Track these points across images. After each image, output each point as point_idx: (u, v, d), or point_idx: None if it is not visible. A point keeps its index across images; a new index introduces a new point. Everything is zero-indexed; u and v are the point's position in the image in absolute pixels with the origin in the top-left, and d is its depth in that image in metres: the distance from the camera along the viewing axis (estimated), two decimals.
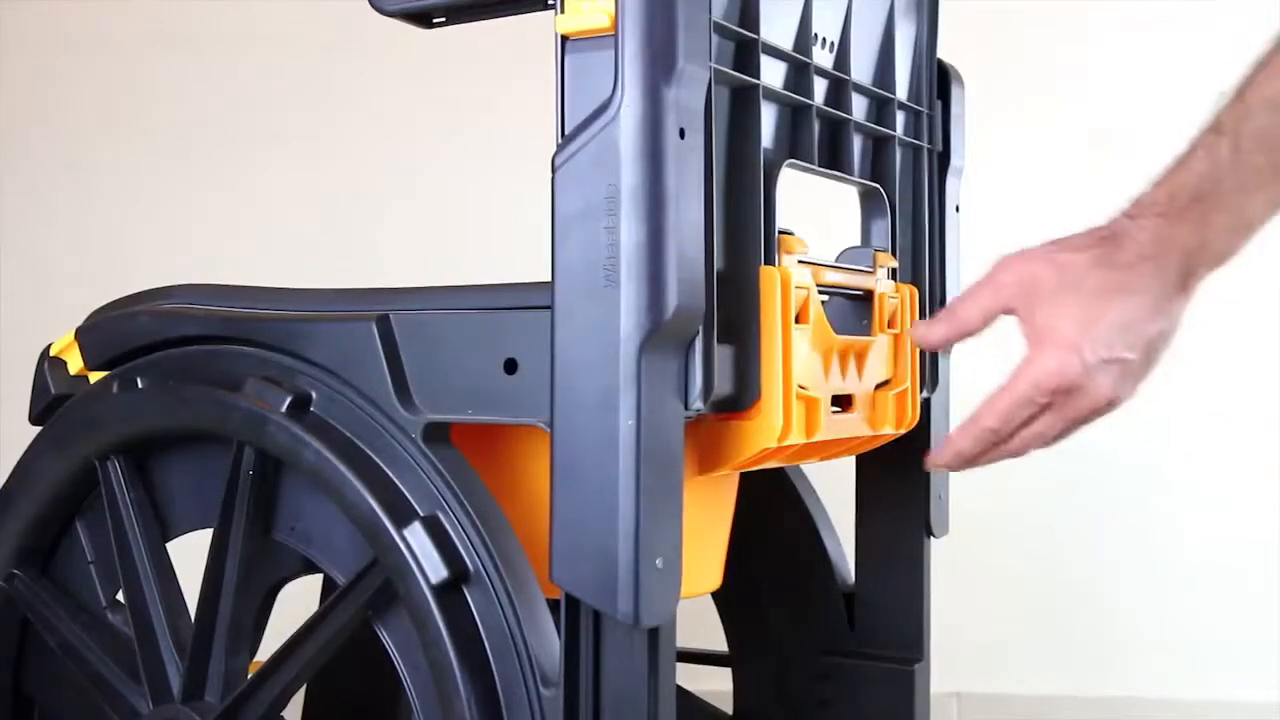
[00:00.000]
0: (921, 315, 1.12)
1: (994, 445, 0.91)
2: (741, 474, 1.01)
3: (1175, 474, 1.92)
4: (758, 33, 0.90)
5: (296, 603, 1.02)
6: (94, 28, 2.22)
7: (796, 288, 0.90)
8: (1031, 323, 0.89)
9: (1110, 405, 0.89)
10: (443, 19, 0.89)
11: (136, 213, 2.21)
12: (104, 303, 1.07)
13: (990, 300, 0.91)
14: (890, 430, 1.03)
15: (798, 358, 0.90)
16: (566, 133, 0.79)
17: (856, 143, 1.05)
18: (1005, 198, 1.89)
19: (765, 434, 0.89)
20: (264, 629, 1.00)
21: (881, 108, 1.09)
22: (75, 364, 1.04)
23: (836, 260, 1.03)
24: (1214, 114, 0.87)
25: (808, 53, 0.97)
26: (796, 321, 0.90)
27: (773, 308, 0.88)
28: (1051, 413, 0.89)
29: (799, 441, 0.91)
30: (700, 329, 0.82)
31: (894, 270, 1.08)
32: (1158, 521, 1.92)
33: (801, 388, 0.90)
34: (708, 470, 0.92)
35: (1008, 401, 0.88)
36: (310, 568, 0.96)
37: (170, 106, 2.20)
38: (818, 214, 1.14)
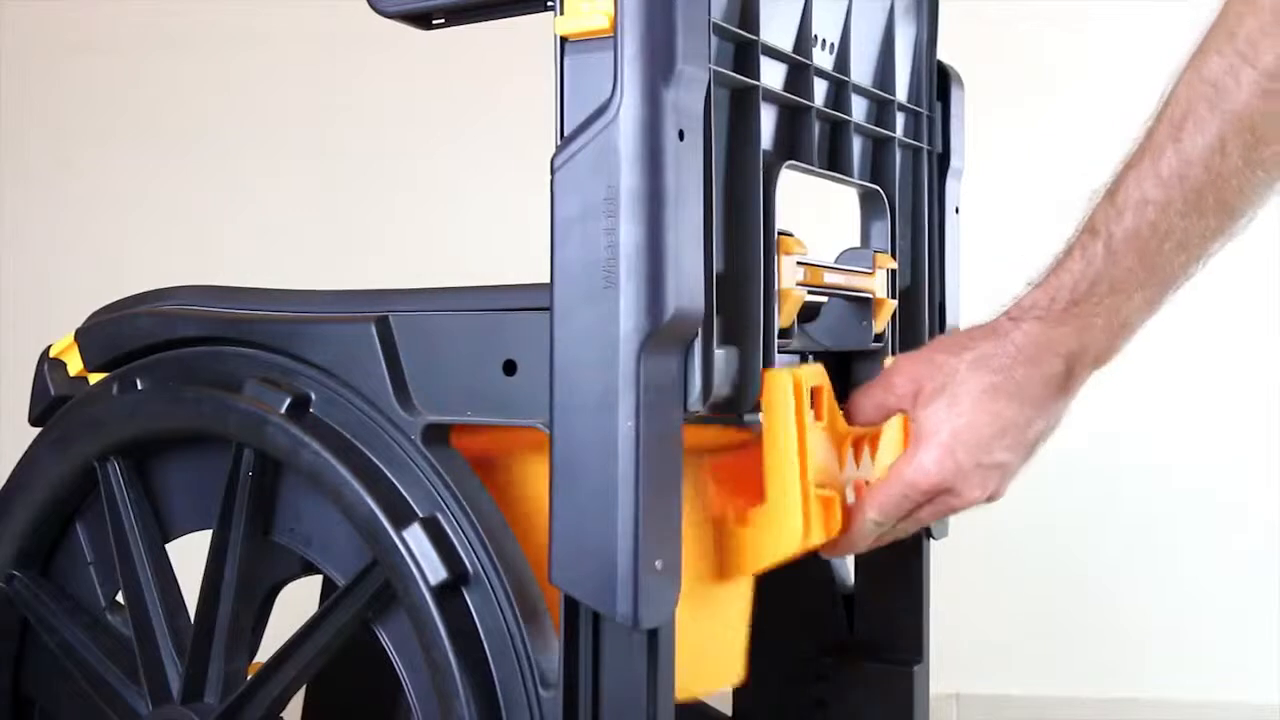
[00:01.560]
0: (919, 320, 1.12)
1: (879, 535, 0.94)
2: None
3: (1175, 475, 1.92)
4: (757, 34, 0.90)
5: (296, 604, 1.03)
6: (94, 30, 2.23)
7: (811, 387, 0.89)
8: (915, 422, 0.91)
9: (988, 501, 0.92)
10: (442, 20, 0.89)
11: (136, 214, 2.21)
12: (104, 304, 1.07)
13: (882, 399, 0.94)
14: None
15: (815, 459, 0.89)
16: (566, 134, 0.79)
17: (856, 144, 1.05)
18: (1005, 199, 1.89)
19: (787, 540, 0.88)
20: (263, 630, 1.00)
21: (881, 109, 1.09)
22: (75, 365, 1.04)
23: (836, 261, 1.03)
24: (1088, 214, 0.88)
25: (808, 54, 0.97)
26: (812, 415, 0.89)
27: (784, 411, 0.87)
28: (929, 506, 0.92)
29: (823, 540, 0.90)
30: (699, 331, 0.82)
31: (893, 272, 1.08)
32: (1157, 523, 1.92)
33: (818, 486, 0.89)
34: (729, 577, 0.92)
35: (886, 496, 0.91)
36: (310, 569, 0.96)
37: (170, 108, 2.21)
38: (817, 214, 1.14)
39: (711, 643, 0.89)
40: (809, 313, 1.03)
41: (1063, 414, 0.91)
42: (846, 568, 1.23)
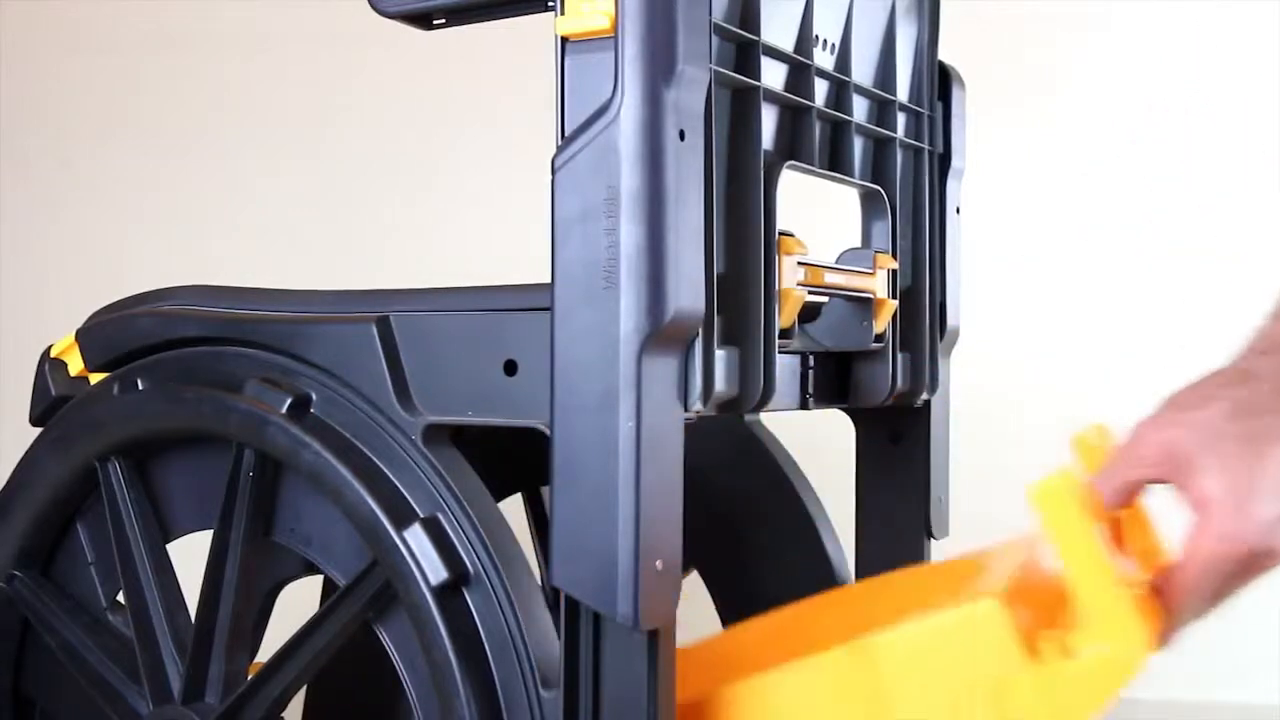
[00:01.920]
0: (920, 320, 1.12)
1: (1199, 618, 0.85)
2: (741, 476, 1.01)
3: None
4: (758, 34, 0.90)
5: (297, 604, 1.03)
6: (94, 30, 2.23)
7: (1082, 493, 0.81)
8: (1189, 491, 0.81)
9: None
10: (443, 21, 0.89)
11: (137, 214, 2.21)
12: (104, 304, 1.07)
13: (1133, 474, 0.84)
14: None
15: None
16: (566, 134, 0.79)
17: (857, 144, 1.05)
18: (1006, 200, 1.89)
19: (1136, 652, 0.79)
20: (264, 630, 1.00)
21: (882, 109, 1.09)
22: (76, 365, 1.04)
23: (837, 261, 1.03)
24: None
25: (808, 54, 0.97)
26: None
27: (1076, 519, 0.79)
28: (1241, 577, 0.82)
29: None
30: (700, 331, 0.82)
31: (894, 272, 1.08)
32: (1159, 523, 1.92)
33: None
34: None
35: (1198, 580, 0.81)
36: (311, 569, 0.96)
37: (171, 108, 2.21)
38: (818, 215, 1.14)
39: None
40: (809, 313, 1.03)
41: None
42: (847, 569, 1.23)
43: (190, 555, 1.00)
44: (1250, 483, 0.79)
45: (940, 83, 1.18)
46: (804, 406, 1.03)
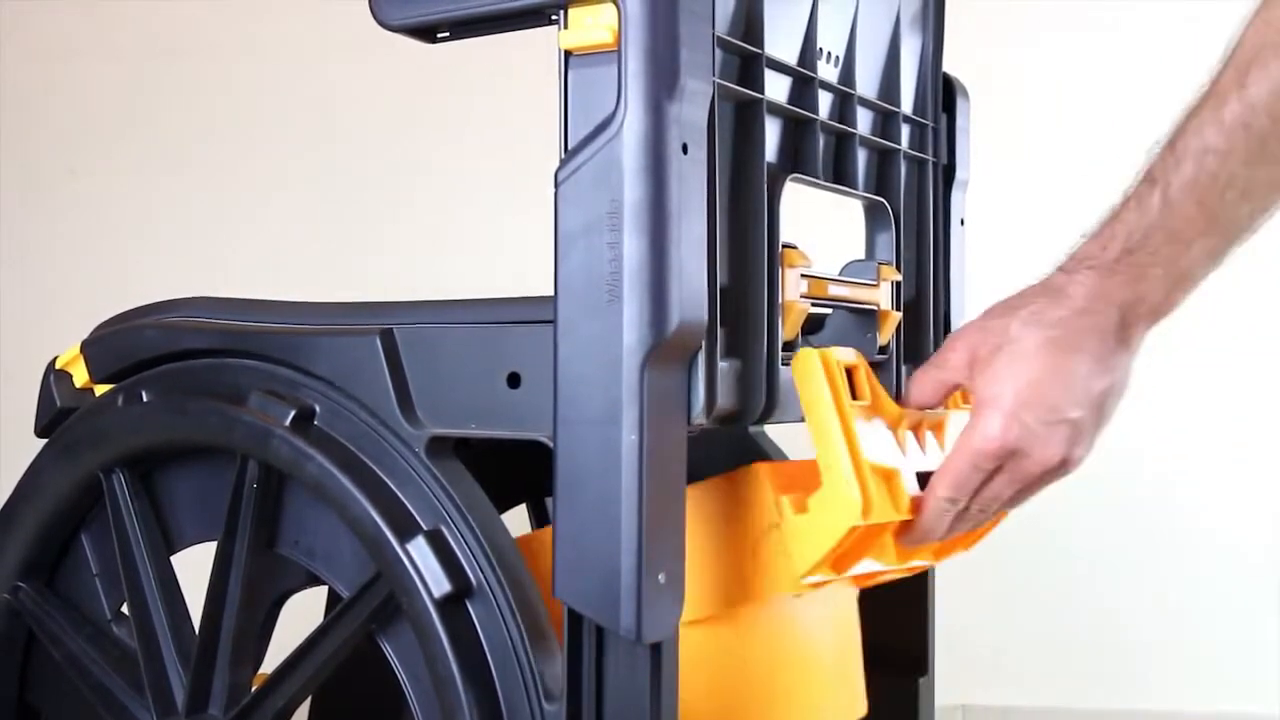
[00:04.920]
0: (924, 332, 1.12)
1: (955, 516, 0.89)
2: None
3: (1181, 486, 1.91)
4: (762, 47, 0.90)
5: (302, 615, 1.03)
6: (97, 38, 2.23)
7: (843, 365, 0.88)
8: (976, 391, 0.87)
9: (1064, 465, 0.86)
10: (447, 34, 0.89)
11: (142, 225, 2.22)
12: (110, 315, 1.07)
13: (939, 376, 0.91)
14: None
15: (865, 436, 0.86)
16: (569, 148, 0.79)
17: (861, 156, 1.05)
18: (1010, 210, 1.89)
19: (846, 513, 0.84)
20: (268, 641, 1.00)
21: (886, 121, 1.09)
22: (81, 377, 1.04)
23: (840, 273, 1.03)
24: (1146, 165, 0.85)
25: (812, 67, 0.97)
26: (854, 398, 0.87)
27: (818, 385, 0.86)
28: (1003, 475, 0.87)
29: (890, 518, 0.86)
30: (703, 343, 0.82)
31: (898, 284, 1.08)
32: (1164, 534, 1.92)
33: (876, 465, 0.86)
34: (806, 574, 0.87)
35: (955, 470, 0.87)
36: (315, 580, 0.96)
37: (175, 117, 2.21)
38: (822, 225, 1.14)
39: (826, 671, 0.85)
40: (813, 325, 1.03)
41: (1126, 370, 0.86)
42: None
43: (194, 567, 1.00)
44: (1025, 388, 0.84)
45: (945, 94, 1.18)
46: None
